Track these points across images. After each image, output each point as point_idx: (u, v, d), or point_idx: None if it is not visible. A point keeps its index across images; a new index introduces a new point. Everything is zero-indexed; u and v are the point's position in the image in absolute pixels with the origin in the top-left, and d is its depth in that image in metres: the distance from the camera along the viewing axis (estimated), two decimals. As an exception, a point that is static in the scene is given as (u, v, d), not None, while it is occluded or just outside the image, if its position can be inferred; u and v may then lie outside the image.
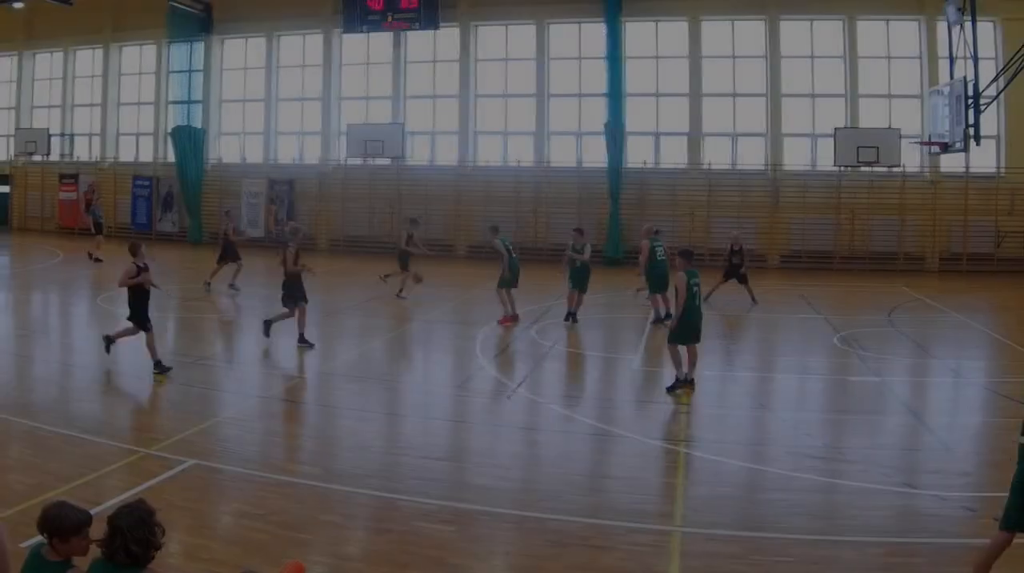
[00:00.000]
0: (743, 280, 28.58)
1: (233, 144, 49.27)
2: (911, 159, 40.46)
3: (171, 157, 48.29)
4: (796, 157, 42.39)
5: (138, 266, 17.56)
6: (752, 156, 42.66)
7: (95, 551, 6.15)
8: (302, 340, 20.33)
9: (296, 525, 10.13)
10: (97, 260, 36.98)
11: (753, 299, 28.15)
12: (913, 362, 21.09)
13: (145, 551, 6.11)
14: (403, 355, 20.96)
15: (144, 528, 6.11)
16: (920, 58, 41.36)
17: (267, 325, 20.77)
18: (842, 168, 40.62)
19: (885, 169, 40.49)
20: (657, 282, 24.04)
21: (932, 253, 40.68)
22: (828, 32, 42.20)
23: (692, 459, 13.02)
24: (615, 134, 41.97)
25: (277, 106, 47.77)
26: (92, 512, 6.40)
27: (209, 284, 30.04)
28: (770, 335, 25.38)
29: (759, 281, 30.00)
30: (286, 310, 20.75)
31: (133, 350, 18.30)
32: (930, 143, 34.86)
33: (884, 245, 40.56)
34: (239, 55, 48.75)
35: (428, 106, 45.91)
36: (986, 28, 38.46)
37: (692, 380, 16.69)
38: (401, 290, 28.92)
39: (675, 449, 13.54)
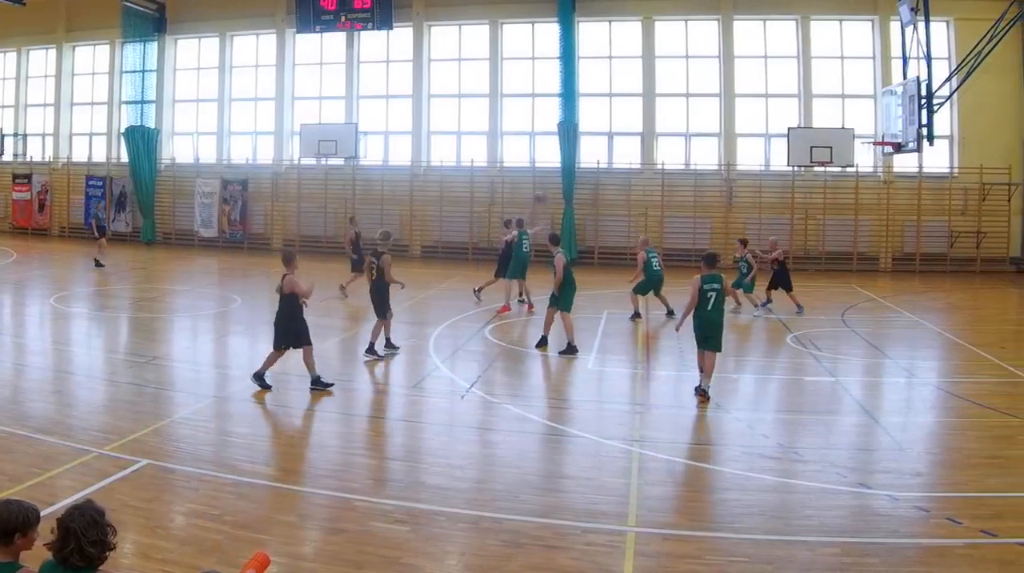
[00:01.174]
0: (789, 287, 26.10)
1: (186, 144, 46.26)
2: (864, 159, 38.60)
3: (124, 157, 45.27)
4: (750, 157, 40.25)
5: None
6: (706, 156, 40.41)
7: (44, 553, 5.73)
8: (389, 345, 19.34)
9: (251, 525, 9.79)
10: (99, 265, 33.66)
11: (797, 306, 25.69)
12: (867, 362, 19.96)
13: (100, 552, 5.73)
14: (357, 355, 19.65)
15: (97, 529, 5.73)
16: (873, 58, 39.43)
17: (373, 349, 18.91)
18: (796, 168, 38.64)
19: (839, 169, 38.60)
20: (644, 286, 24.49)
21: (885, 253, 38.73)
22: (781, 32, 40.07)
23: (647, 459, 12.45)
24: (569, 134, 39.63)
25: (230, 106, 44.96)
26: (43, 512, 6.09)
27: (344, 287, 27.79)
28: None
29: None
30: (384, 319, 19.15)
31: (86, 349, 18.15)
32: (883, 143, 33.68)
33: (838, 245, 38.44)
34: (192, 55, 45.78)
35: (382, 106, 43.30)
36: (939, 28, 36.98)
37: (704, 390, 15.80)
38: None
39: (630, 449, 12.90)
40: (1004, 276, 36.84)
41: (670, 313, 24.13)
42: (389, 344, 19.35)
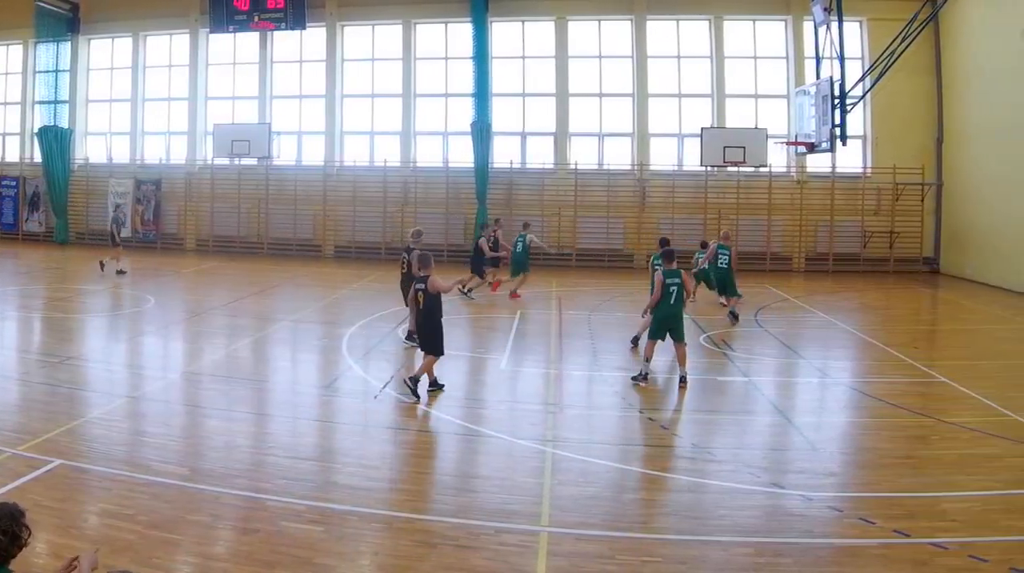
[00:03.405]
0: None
1: (100, 144, 40.75)
2: (778, 159, 34.62)
3: (38, 157, 39.87)
4: (663, 157, 35.88)
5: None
6: (619, 156, 35.97)
7: None
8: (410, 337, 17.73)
9: (164, 525, 8.81)
10: (122, 272, 29.09)
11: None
12: (780, 362, 18.27)
13: (10, 545, 5.29)
14: (270, 355, 18.36)
15: (12, 521, 5.30)
16: (787, 58, 35.44)
17: (412, 336, 17.12)
18: (709, 168, 34.57)
19: (752, 169, 34.60)
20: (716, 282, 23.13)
21: (799, 253, 34.59)
22: (695, 32, 35.80)
23: (560, 459, 11.40)
24: (482, 134, 35.18)
25: (144, 106, 39.59)
26: None
27: (471, 291, 25.42)
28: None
29: (628, 280, 26.85)
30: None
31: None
32: (797, 143, 30.62)
33: (751, 245, 34.16)
34: (106, 55, 40.29)
35: (295, 106, 38.32)
36: (852, 28, 33.56)
37: (683, 377, 15.31)
38: None
39: (543, 449, 11.84)
40: (917, 276, 33.57)
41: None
42: (410, 336, 17.55)
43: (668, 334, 15.41)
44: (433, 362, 14.58)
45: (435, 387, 14.57)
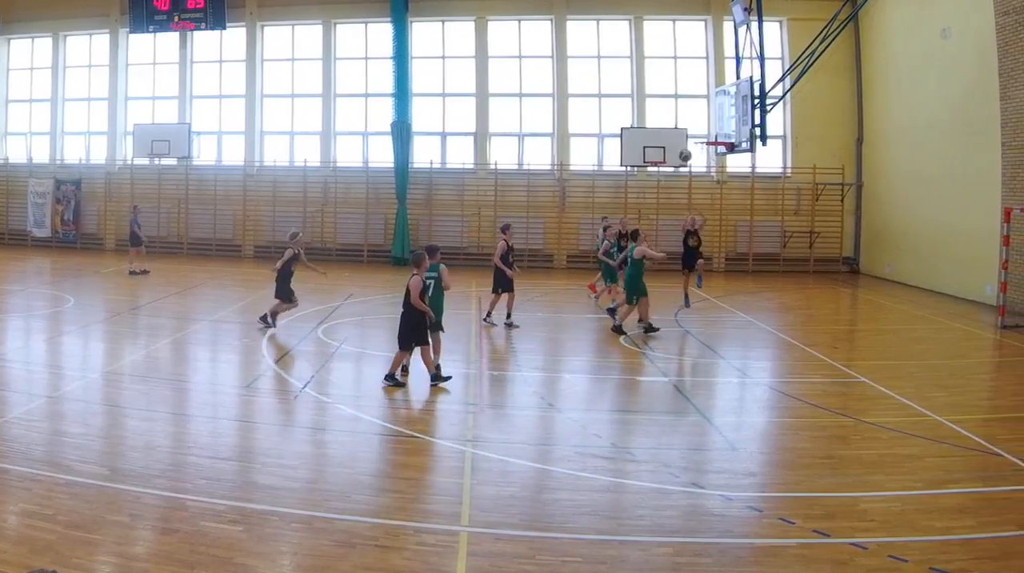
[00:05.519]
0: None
1: (20, 144, 36.20)
2: (698, 159, 30.75)
3: (-43, 158, 35.42)
4: (583, 157, 32.16)
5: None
6: (539, 156, 32.19)
7: None
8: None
9: (83, 525, 8.03)
10: (144, 272, 26.87)
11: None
12: (700, 362, 16.80)
13: None
14: (190, 355, 16.76)
15: None
16: (707, 58, 31.84)
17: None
18: (629, 168, 30.90)
19: (672, 169, 30.85)
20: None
21: (719, 253, 30.93)
22: (615, 32, 32.06)
23: (479, 459, 10.23)
24: (402, 134, 31.30)
25: (64, 106, 35.22)
26: None
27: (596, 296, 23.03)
28: (558, 334, 20.01)
29: (548, 281, 25.07)
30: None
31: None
32: (716, 143, 27.71)
33: (672, 245, 30.04)
34: (25, 55, 35.82)
35: (215, 106, 34.12)
36: (772, 28, 30.22)
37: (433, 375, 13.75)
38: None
39: (462, 449, 10.64)
40: (837, 276, 30.43)
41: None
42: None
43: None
44: (428, 351, 13.54)
45: (425, 378, 13.63)
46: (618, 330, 17.93)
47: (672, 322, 19.80)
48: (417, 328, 13.35)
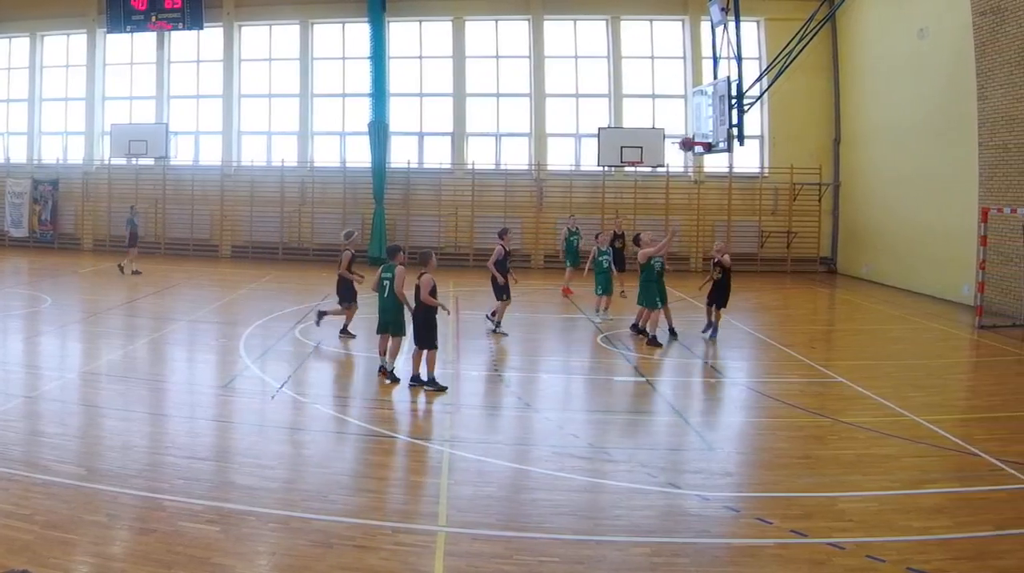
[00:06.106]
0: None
1: (-3, 144, 35.25)
2: (675, 159, 29.91)
3: (-66, 157, 34.29)
4: (560, 157, 31.22)
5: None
6: (516, 156, 31.32)
7: None
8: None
9: (61, 525, 7.83)
10: (136, 272, 26.11)
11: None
12: (677, 362, 16.13)
13: None
14: (168, 355, 16.33)
15: None
16: (684, 58, 30.95)
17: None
18: (606, 168, 30.00)
19: (649, 169, 30.03)
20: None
21: (696, 253, 29.99)
22: (592, 32, 31.22)
23: (457, 459, 9.98)
24: (379, 134, 30.31)
25: (41, 106, 34.13)
26: None
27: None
28: (535, 335, 19.40)
29: (525, 281, 23.33)
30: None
31: None
32: (694, 143, 26.58)
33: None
34: (2, 55, 34.65)
35: (192, 106, 33.08)
36: (750, 28, 29.35)
37: (391, 370, 13.40)
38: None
39: (440, 449, 10.34)
40: (814, 276, 29.60)
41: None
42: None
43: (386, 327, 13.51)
44: (433, 356, 13.12)
45: (432, 386, 13.05)
46: (654, 342, 16.64)
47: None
48: (433, 328, 13.01)
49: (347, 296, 16.98)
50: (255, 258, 31.76)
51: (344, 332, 16.91)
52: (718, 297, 17.38)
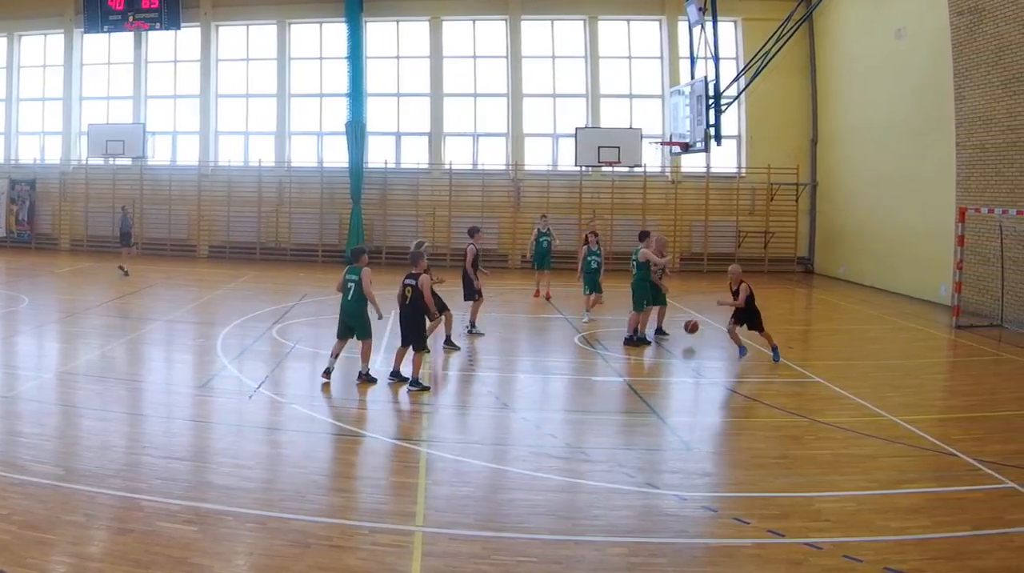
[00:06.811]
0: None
1: (-27, 145, 34.07)
2: (652, 159, 28.98)
3: (-89, 158, 33.14)
4: (537, 157, 30.18)
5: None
6: (494, 156, 30.32)
7: None
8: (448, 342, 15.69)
9: (38, 525, 7.63)
10: (125, 273, 25.21)
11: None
12: (655, 362, 15.71)
13: None
14: (145, 355, 15.86)
15: None
16: (661, 58, 29.95)
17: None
18: (583, 168, 29.01)
19: (626, 169, 29.05)
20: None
21: (673, 253, 29.00)
22: (569, 32, 30.24)
23: (434, 459, 9.76)
24: (356, 134, 29.34)
25: (18, 106, 33.04)
26: None
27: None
28: (513, 335, 18.93)
29: (502, 281, 23.60)
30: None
31: None
32: (671, 143, 25.54)
33: (625, 245, 27.44)
34: (-21, 55, 33.84)
35: (169, 106, 32.00)
36: (727, 28, 28.41)
37: (365, 372, 12.99)
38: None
39: (417, 449, 10.11)
40: (791, 276, 28.70)
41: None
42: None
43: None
44: (419, 356, 12.82)
45: (411, 382, 12.70)
46: (641, 341, 16.17)
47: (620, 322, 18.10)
48: (423, 329, 12.88)
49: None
50: (232, 258, 30.75)
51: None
52: (748, 320, 15.41)
